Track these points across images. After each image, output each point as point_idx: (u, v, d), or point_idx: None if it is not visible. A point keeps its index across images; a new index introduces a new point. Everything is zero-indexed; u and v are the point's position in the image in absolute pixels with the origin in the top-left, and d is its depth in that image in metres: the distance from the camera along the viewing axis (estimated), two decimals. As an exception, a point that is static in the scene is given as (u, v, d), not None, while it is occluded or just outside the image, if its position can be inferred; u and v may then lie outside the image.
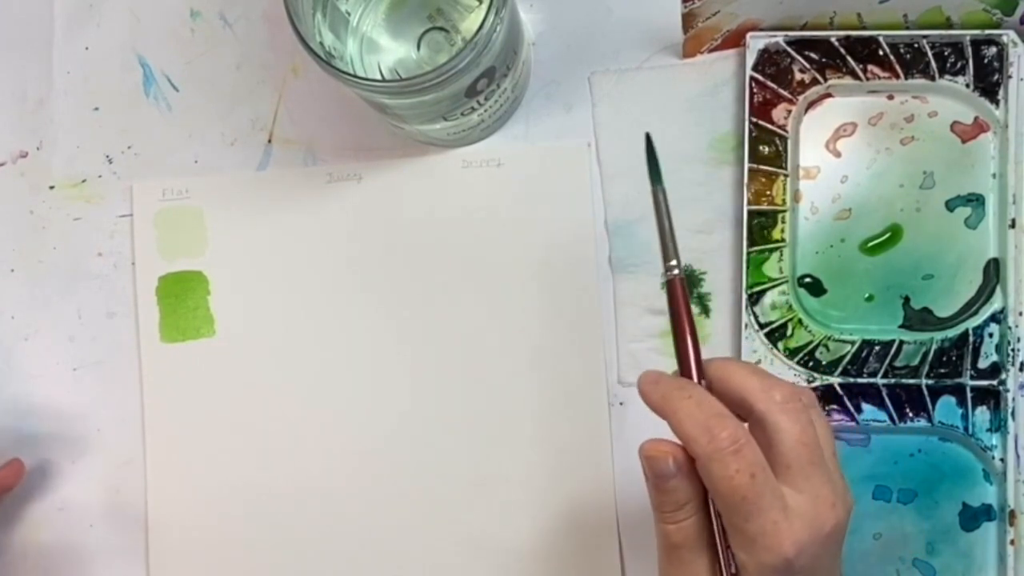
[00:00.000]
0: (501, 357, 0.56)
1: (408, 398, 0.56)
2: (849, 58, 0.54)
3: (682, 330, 0.43)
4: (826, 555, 0.40)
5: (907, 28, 0.54)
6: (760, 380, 0.41)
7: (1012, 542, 0.52)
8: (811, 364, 0.53)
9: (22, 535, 0.57)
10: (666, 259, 0.43)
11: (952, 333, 0.53)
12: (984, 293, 0.53)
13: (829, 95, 0.55)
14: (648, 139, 0.45)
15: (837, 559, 0.41)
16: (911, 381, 0.53)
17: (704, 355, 0.55)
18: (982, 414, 0.53)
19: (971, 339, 0.53)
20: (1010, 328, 0.53)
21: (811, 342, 0.54)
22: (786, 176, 0.54)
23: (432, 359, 0.56)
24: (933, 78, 0.54)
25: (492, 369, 0.56)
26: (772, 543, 0.39)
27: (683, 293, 0.43)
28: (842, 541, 0.41)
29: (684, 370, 0.43)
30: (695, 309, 0.55)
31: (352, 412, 0.56)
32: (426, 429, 0.56)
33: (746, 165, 0.54)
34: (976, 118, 0.54)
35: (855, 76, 0.54)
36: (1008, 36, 0.53)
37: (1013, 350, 0.52)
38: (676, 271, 0.43)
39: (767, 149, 0.54)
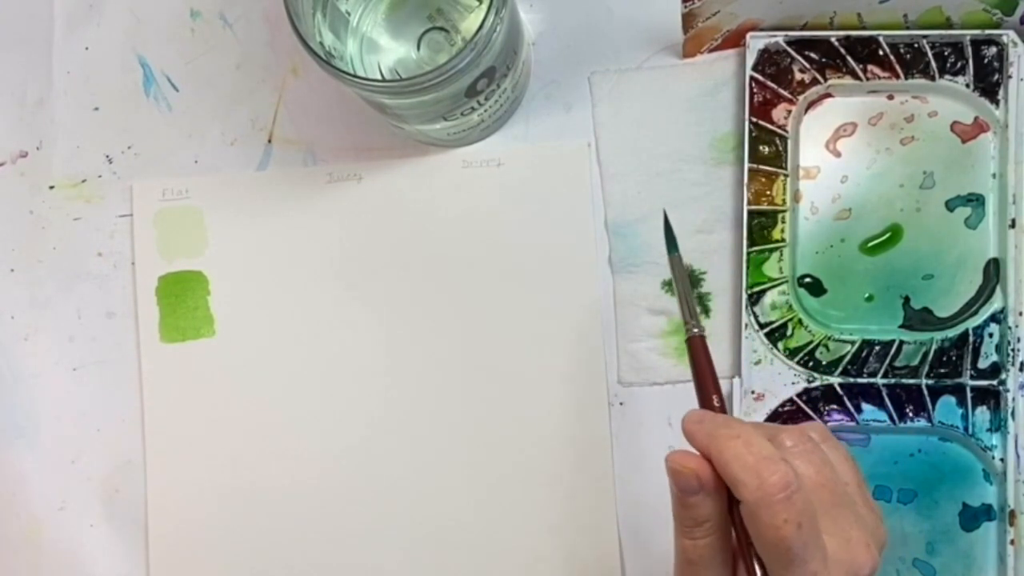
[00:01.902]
0: (501, 357, 0.56)
1: (407, 397, 0.56)
2: (849, 58, 0.54)
3: (706, 385, 0.44)
4: None
5: (907, 28, 0.54)
6: (765, 431, 0.40)
7: (1012, 542, 0.52)
8: (811, 364, 0.53)
9: (22, 535, 0.57)
10: (686, 322, 0.45)
11: (952, 333, 0.53)
12: (984, 293, 0.53)
13: (829, 95, 0.55)
14: (665, 215, 0.48)
15: None
16: (911, 381, 0.53)
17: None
18: (982, 414, 0.53)
19: (971, 339, 0.53)
20: (1010, 328, 0.53)
21: (811, 342, 0.54)
22: (786, 176, 0.54)
23: (432, 359, 0.56)
24: (933, 78, 0.54)
25: (492, 369, 0.56)
26: None
27: (704, 350, 0.44)
28: None
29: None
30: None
31: (351, 412, 0.56)
32: (425, 429, 0.56)
33: (746, 165, 0.54)
34: (976, 118, 0.54)
35: (855, 76, 0.54)
36: (1008, 36, 0.53)
37: (1013, 350, 0.52)
38: (696, 330, 0.45)
39: (767, 149, 0.54)
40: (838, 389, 0.53)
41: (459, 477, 0.56)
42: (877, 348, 0.53)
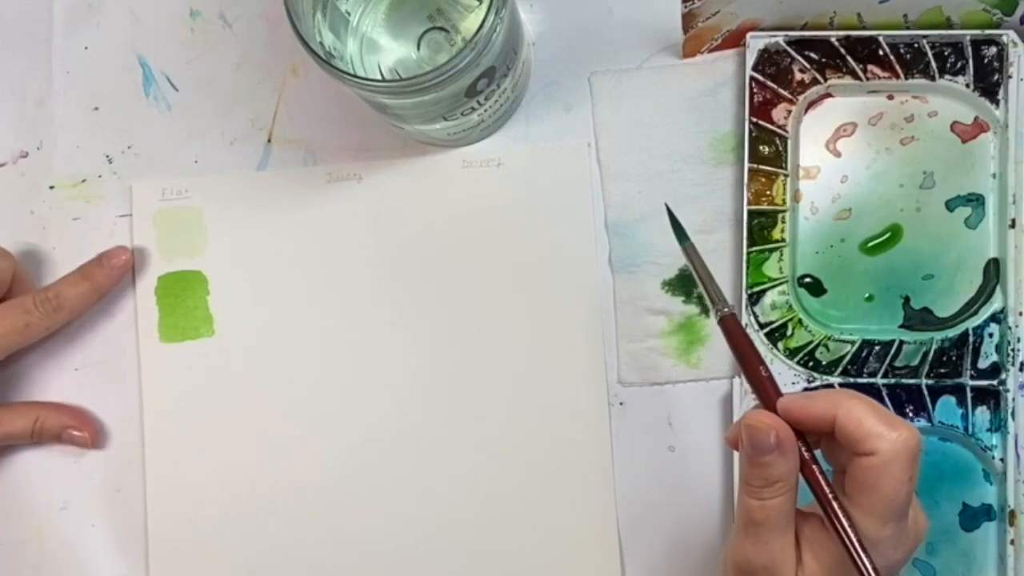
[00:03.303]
0: (501, 357, 0.56)
1: (407, 398, 0.56)
2: (849, 58, 0.54)
3: (750, 360, 0.43)
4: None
5: (907, 28, 0.54)
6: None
7: (1012, 542, 0.52)
8: (811, 364, 0.53)
9: (25, 534, 0.57)
10: (714, 303, 0.45)
11: (952, 333, 0.53)
12: (984, 293, 0.53)
13: (829, 95, 0.55)
14: (668, 209, 0.48)
15: None
16: (911, 381, 0.53)
17: (710, 357, 0.55)
18: (982, 414, 0.53)
19: (971, 339, 0.53)
20: (1010, 328, 0.53)
21: (811, 342, 0.54)
22: (786, 176, 0.54)
23: (431, 359, 0.56)
24: (933, 78, 0.54)
25: (492, 369, 0.56)
26: (895, 552, 0.40)
27: (739, 327, 0.44)
28: None
29: (767, 402, 0.43)
30: (695, 309, 0.55)
31: (351, 412, 0.56)
32: (425, 428, 0.56)
33: (746, 165, 0.54)
34: (976, 118, 0.54)
35: (855, 76, 0.54)
36: (1008, 36, 0.53)
37: (1013, 350, 0.52)
38: (726, 309, 0.44)
39: (767, 149, 0.54)
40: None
41: (457, 477, 0.55)
42: (877, 348, 0.53)
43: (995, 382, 0.53)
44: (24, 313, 0.54)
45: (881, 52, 0.54)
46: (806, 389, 0.53)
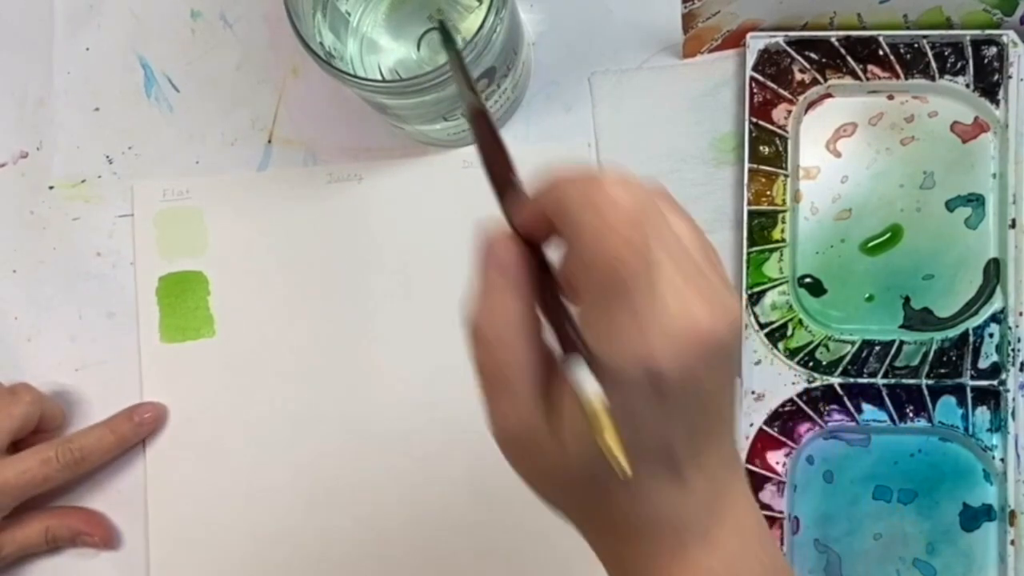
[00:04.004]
0: (501, 357, 0.56)
1: (407, 397, 0.56)
2: (849, 58, 0.54)
3: (489, 150, 0.37)
4: (706, 374, 0.31)
5: (907, 28, 0.54)
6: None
7: (1012, 542, 0.52)
8: (811, 364, 0.53)
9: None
10: (463, 98, 0.38)
11: (952, 333, 0.53)
12: (984, 293, 0.53)
13: (829, 95, 0.55)
14: (441, 24, 0.42)
15: (727, 393, 0.32)
16: (911, 381, 0.53)
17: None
18: (982, 414, 0.53)
19: (971, 339, 0.53)
20: (1010, 328, 0.52)
21: (811, 342, 0.54)
22: (786, 176, 0.54)
23: (432, 359, 0.56)
24: (933, 78, 0.54)
25: (492, 369, 0.56)
26: (635, 336, 0.31)
27: (485, 118, 0.37)
28: (732, 364, 0.33)
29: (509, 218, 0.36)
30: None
31: (351, 412, 0.56)
32: (425, 428, 0.56)
33: (746, 165, 0.54)
34: (976, 118, 0.54)
35: (855, 76, 0.54)
36: (1008, 36, 0.53)
37: (1013, 350, 0.52)
38: (476, 105, 0.37)
39: (767, 149, 0.54)
40: (838, 389, 0.53)
41: (457, 477, 0.55)
42: (877, 348, 0.53)
43: (995, 382, 0.52)
44: (43, 464, 0.53)
45: (881, 52, 0.54)
46: (806, 390, 0.53)
